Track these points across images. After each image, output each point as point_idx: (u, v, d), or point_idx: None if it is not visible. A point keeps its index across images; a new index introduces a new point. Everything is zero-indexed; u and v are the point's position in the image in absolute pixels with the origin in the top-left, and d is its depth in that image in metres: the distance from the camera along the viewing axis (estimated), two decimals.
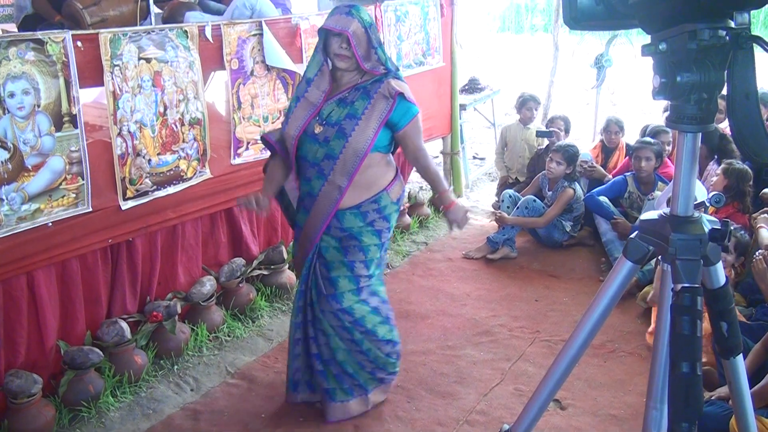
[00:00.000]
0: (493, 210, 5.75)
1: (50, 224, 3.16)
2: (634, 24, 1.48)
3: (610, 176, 5.44)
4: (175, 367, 3.66)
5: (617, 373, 3.58)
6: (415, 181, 6.45)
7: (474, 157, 7.72)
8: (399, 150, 3.17)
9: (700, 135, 1.46)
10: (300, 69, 4.26)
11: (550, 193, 5.25)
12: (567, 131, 5.95)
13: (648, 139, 5.04)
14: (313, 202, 3.02)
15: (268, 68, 4.09)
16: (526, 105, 6.15)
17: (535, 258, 5.11)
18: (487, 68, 11.37)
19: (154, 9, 4.30)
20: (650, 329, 3.80)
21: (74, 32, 3.21)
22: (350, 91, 2.97)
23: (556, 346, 3.82)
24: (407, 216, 5.52)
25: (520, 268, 4.97)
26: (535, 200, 5.17)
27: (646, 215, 1.62)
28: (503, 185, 6.10)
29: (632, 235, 1.62)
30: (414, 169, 6.07)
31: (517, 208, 5.20)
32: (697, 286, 1.44)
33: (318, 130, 2.94)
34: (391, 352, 3.23)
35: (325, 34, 2.93)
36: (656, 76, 1.39)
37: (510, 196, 5.37)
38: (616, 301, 1.63)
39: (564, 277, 4.79)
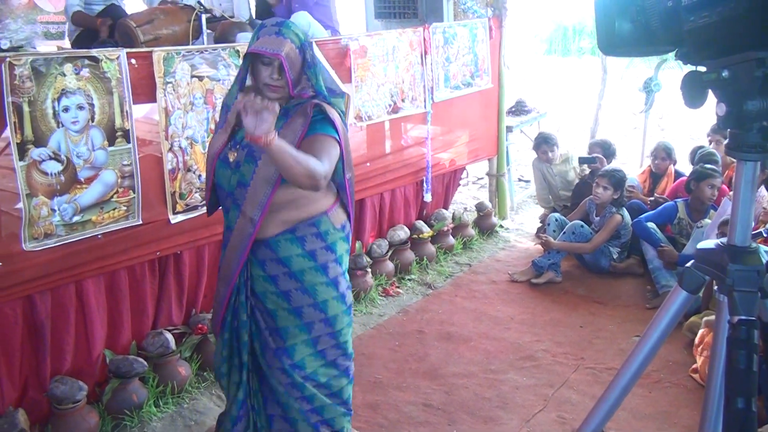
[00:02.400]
0: (538, 234, 5.69)
1: (100, 236, 3.22)
2: (670, 50, 1.46)
3: (648, 201, 5.38)
4: None
5: (662, 405, 3.50)
6: (459, 201, 6.44)
7: (519, 179, 7.67)
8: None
9: (759, 164, 1.43)
10: (349, 89, 4.30)
11: (597, 218, 5.18)
12: (608, 156, 5.86)
13: (713, 166, 4.93)
14: (230, 236, 2.60)
15: None
16: (540, 148, 6.02)
17: (580, 283, 5.04)
18: (534, 90, 11.32)
19: (206, 29, 4.38)
20: (693, 366, 3.71)
21: (129, 50, 3.29)
22: None
23: (601, 375, 3.75)
24: (450, 237, 5.50)
25: (564, 292, 4.91)
26: (582, 225, 5.10)
27: (702, 244, 1.58)
28: (545, 221, 5.98)
29: (688, 264, 1.58)
30: (456, 189, 6.10)
31: (564, 232, 5.13)
32: (753, 319, 1.40)
33: (232, 156, 2.53)
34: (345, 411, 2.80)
35: (251, 58, 2.47)
36: (721, 104, 1.36)
37: (556, 220, 5.31)
38: (669, 331, 1.59)
39: (610, 303, 4.70)
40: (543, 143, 6.00)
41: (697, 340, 3.76)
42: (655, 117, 8.23)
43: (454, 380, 3.72)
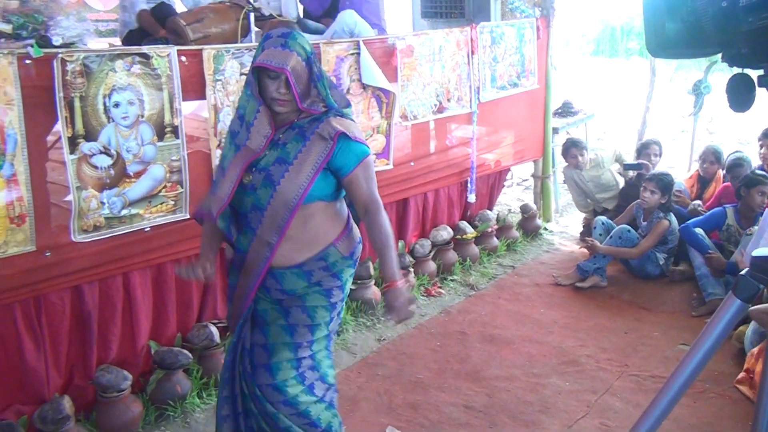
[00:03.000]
0: (583, 237, 5.62)
1: (148, 229, 3.28)
2: (719, 51, 1.42)
3: (694, 205, 5.28)
4: None
5: (706, 415, 3.42)
6: (503, 203, 6.39)
7: (564, 182, 7.58)
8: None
9: None
10: (395, 88, 4.29)
11: (644, 223, 5.09)
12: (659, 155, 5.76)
13: (765, 173, 4.82)
14: (243, 259, 2.54)
15: (364, 87, 4.14)
16: (569, 152, 5.91)
17: (625, 288, 4.96)
18: (581, 92, 11.18)
19: (255, 27, 4.41)
20: (738, 377, 3.62)
21: (179, 48, 3.34)
22: (285, 130, 2.48)
23: (645, 382, 3.69)
24: (494, 238, 5.46)
25: (609, 297, 4.83)
26: (629, 230, 5.01)
27: (758, 252, 1.54)
28: (588, 226, 5.88)
29: (742, 272, 1.54)
30: (501, 191, 6.05)
31: (611, 237, 5.04)
32: None
33: (246, 179, 2.46)
34: None
35: (257, 72, 2.40)
36: None
37: (603, 224, 5.22)
38: (722, 341, 1.56)
39: (655, 310, 4.62)
40: (572, 147, 5.90)
41: (756, 349, 3.66)
42: (704, 120, 8.05)
43: (495, 383, 3.69)
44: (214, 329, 3.59)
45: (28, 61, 2.85)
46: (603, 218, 5.33)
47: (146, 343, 3.47)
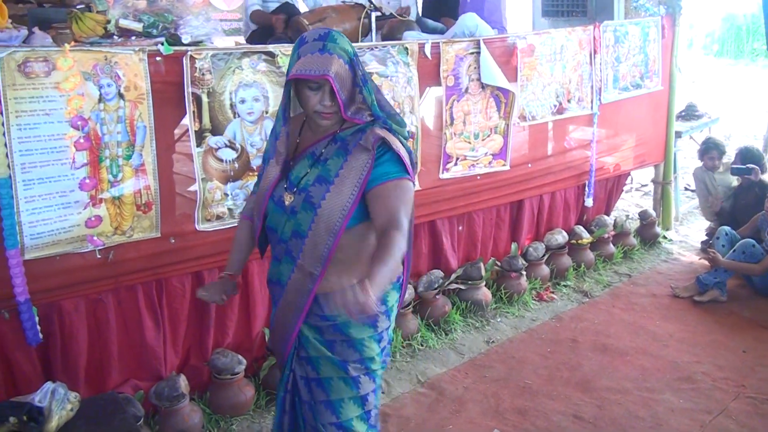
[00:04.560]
0: (703, 248, 5.38)
1: None
2: None
3: None
4: None
5: None
6: (621, 208, 6.21)
7: (686, 188, 7.28)
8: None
9: None
10: (515, 88, 4.24)
11: None
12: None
13: None
14: (282, 291, 2.24)
15: (483, 86, 4.11)
16: (708, 154, 5.68)
17: (746, 305, 4.69)
18: (705, 94, 10.71)
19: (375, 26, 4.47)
20: None
21: None
22: (326, 144, 2.18)
23: (762, 406, 3.49)
24: (611, 245, 5.31)
25: (729, 313, 4.59)
26: (754, 245, 4.72)
27: None
28: (712, 234, 5.62)
29: None
30: (619, 196, 5.87)
31: (734, 251, 4.77)
32: None
33: (288, 200, 2.16)
34: None
35: (293, 84, 2.11)
36: None
37: (726, 234, 4.96)
38: None
39: None
40: (713, 149, 5.69)
41: None
42: None
43: (606, 394, 3.59)
44: None
45: (158, 58, 2.99)
46: (727, 228, 5.07)
47: (261, 329, 3.58)
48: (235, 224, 3.23)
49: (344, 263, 2.15)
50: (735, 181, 5.60)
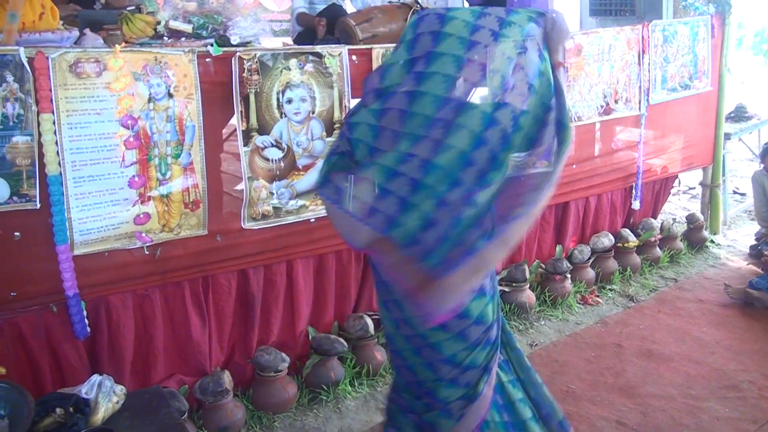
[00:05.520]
0: (752, 253, 5.26)
1: (313, 220, 3.40)
2: None
3: None
4: None
5: None
6: (668, 211, 6.10)
7: (734, 192, 7.14)
8: None
9: None
10: None
11: None
12: None
13: None
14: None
15: None
16: None
17: None
18: (755, 95, 10.47)
19: None
20: None
21: (350, 47, 3.44)
22: None
23: None
24: (657, 248, 5.22)
25: None
26: None
27: None
28: (761, 239, 5.51)
29: None
30: (666, 198, 5.77)
31: None
32: None
33: None
34: None
35: None
36: None
37: None
38: None
39: None
40: None
41: None
42: None
43: (651, 401, 3.53)
44: (369, 320, 3.68)
45: (207, 59, 3.04)
46: None
47: (305, 328, 3.61)
48: (281, 222, 3.31)
49: None
50: None
